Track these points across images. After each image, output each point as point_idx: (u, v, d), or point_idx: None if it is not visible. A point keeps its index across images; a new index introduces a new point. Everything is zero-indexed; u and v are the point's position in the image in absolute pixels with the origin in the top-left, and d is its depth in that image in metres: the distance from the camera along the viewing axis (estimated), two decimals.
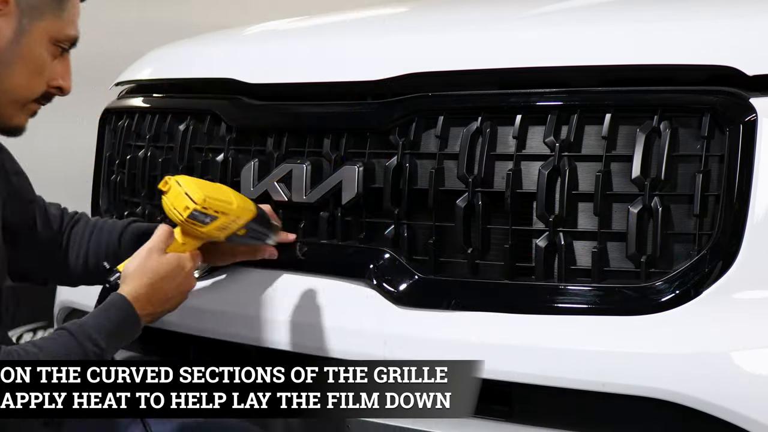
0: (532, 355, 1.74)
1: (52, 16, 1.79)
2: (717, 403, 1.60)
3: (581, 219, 1.79)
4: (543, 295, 1.78)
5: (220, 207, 1.87)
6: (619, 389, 1.67)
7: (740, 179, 1.65)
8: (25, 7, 1.76)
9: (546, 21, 2.02)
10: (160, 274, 1.83)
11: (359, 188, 1.98)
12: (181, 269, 1.86)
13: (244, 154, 2.17)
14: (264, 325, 2.03)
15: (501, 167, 1.85)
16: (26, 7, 1.76)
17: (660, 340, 1.66)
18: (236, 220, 1.90)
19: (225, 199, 1.88)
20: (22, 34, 1.76)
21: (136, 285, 1.81)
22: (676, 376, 1.63)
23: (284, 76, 2.15)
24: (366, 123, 2.00)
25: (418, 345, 1.85)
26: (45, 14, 1.78)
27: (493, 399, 1.82)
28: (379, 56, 2.05)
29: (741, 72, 1.68)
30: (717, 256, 1.66)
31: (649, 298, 1.69)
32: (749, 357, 1.61)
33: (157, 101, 2.43)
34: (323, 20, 2.55)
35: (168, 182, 1.85)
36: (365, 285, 1.95)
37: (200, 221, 1.85)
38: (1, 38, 1.74)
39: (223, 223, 1.88)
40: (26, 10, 1.76)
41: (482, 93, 1.91)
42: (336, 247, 2.02)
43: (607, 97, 1.78)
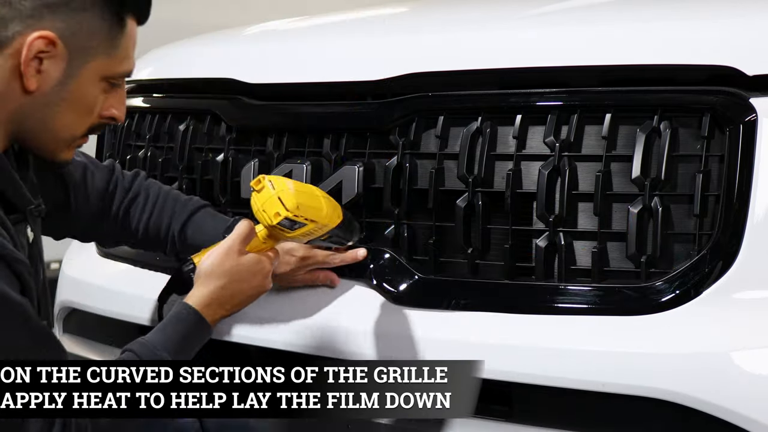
0: (532, 355, 1.74)
1: (104, 55, 1.68)
2: (717, 403, 1.60)
3: (581, 219, 1.79)
4: (543, 295, 1.78)
5: (310, 215, 1.80)
6: (619, 389, 1.67)
7: (740, 179, 1.65)
8: (75, 48, 1.64)
9: (546, 21, 2.02)
10: (239, 276, 1.78)
11: (359, 188, 1.98)
12: (261, 271, 1.80)
13: (244, 154, 2.17)
14: (264, 325, 2.03)
15: (501, 167, 1.85)
16: (75, 48, 1.64)
17: (660, 340, 1.66)
18: (323, 228, 1.84)
19: (316, 206, 1.82)
20: (71, 77, 1.65)
21: (210, 289, 1.76)
22: (676, 376, 1.63)
23: (284, 76, 2.15)
24: (366, 123, 2.00)
25: (418, 345, 1.85)
26: (97, 55, 1.67)
27: (493, 399, 1.82)
28: (379, 56, 2.05)
29: (741, 72, 1.68)
30: (717, 256, 1.66)
31: (649, 298, 1.69)
32: (749, 357, 1.61)
33: (157, 101, 2.43)
34: (323, 20, 2.55)
35: (261, 182, 1.78)
36: (365, 285, 1.95)
37: (288, 228, 1.79)
38: (48, 81, 1.64)
39: (310, 230, 1.82)
40: (76, 51, 1.65)
41: (482, 93, 1.91)
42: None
43: (607, 97, 1.78)
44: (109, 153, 2.51)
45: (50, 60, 1.63)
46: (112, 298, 2.33)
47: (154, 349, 1.69)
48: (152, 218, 2.04)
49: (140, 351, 1.68)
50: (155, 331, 1.73)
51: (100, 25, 1.66)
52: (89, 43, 1.66)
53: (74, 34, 1.64)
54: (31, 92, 1.63)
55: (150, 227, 2.04)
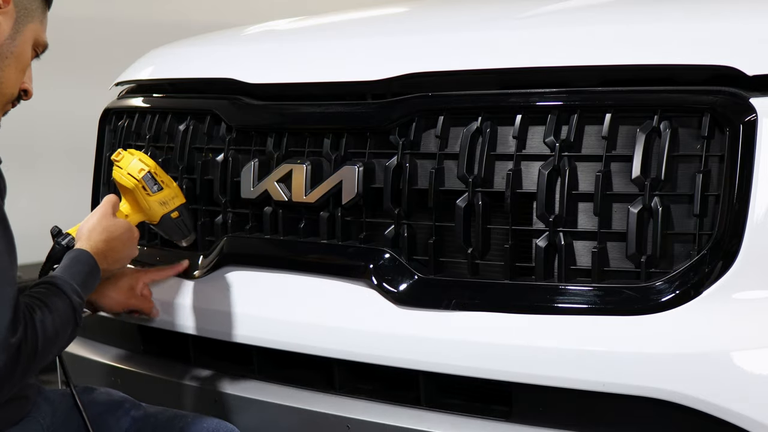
0: (532, 355, 1.74)
1: (38, 20, 1.91)
2: (717, 403, 1.60)
3: (581, 219, 1.78)
4: (543, 295, 1.78)
5: (165, 179, 2.13)
6: (619, 389, 1.67)
7: (740, 179, 1.65)
8: (21, 7, 1.87)
9: (546, 21, 2.02)
10: (115, 234, 2.01)
11: (359, 188, 1.98)
12: (131, 234, 2.05)
13: (244, 154, 2.17)
14: (264, 325, 2.03)
15: (501, 167, 1.85)
16: (21, 7, 1.88)
17: (660, 340, 1.66)
18: (174, 199, 2.14)
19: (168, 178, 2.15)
20: (18, 33, 1.87)
21: (95, 241, 1.97)
22: (676, 376, 1.63)
23: (284, 76, 2.15)
24: (366, 123, 2.00)
25: (418, 345, 1.85)
26: (34, 17, 1.90)
27: (493, 399, 1.82)
28: (379, 56, 2.05)
29: (741, 72, 1.67)
30: (717, 256, 1.66)
31: (649, 298, 1.69)
32: (749, 357, 1.61)
33: (157, 101, 2.43)
34: (323, 20, 2.55)
35: (121, 152, 2.12)
36: (365, 285, 1.95)
37: (149, 188, 2.10)
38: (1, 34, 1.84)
39: (165, 197, 2.13)
40: (21, 10, 1.88)
41: (482, 93, 1.91)
42: (336, 247, 2.02)
43: (607, 97, 1.78)
44: (109, 153, 2.51)
45: (3, 16, 1.85)
46: None
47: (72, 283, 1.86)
48: None
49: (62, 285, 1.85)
50: (63, 268, 1.90)
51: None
52: (30, 5, 1.90)
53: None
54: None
55: None
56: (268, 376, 2.08)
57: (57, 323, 1.78)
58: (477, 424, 1.82)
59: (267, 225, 2.11)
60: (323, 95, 2.09)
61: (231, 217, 2.19)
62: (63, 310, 1.81)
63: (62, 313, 1.81)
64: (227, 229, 2.19)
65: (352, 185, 1.98)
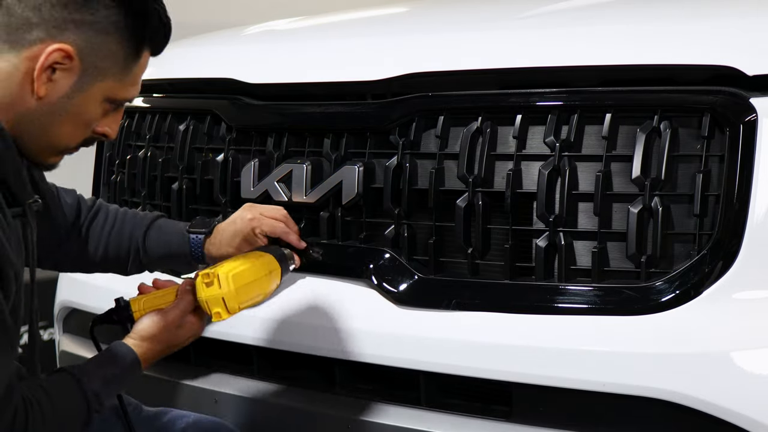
0: (532, 355, 1.74)
1: (114, 79, 1.71)
2: (717, 403, 1.60)
3: (581, 219, 1.78)
4: (543, 295, 1.78)
5: (252, 303, 1.88)
6: (619, 389, 1.67)
7: (740, 179, 1.65)
8: (89, 65, 1.67)
9: (546, 21, 2.02)
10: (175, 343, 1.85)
11: (359, 188, 1.97)
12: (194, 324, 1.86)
13: (244, 154, 2.17)
14: (264, 325, 2.03)
15: (501, 167, 1.85)
16: (89, 66, 1.67)
17: (660, 340, 1.66)
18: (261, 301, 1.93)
19: (259, 291, 1.88)
20: (79, 92, 1.68)
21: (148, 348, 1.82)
22: (676, 376, 1.63)
23: (284, 76, 2.15)
24: (366, 123, 2.00)
25: (418, 345, 1.85)
26: (108, 76, 1.70)
27: (493, 399, 1.82)
28: (379, 56, 2.05)
29: (741, 72, 1.67)
30: (717, 256, 1.66)
31: (649, 298, 1.69)
32: (749, 357, 1.61)
33: (157, 101, 2.43)
34: (323, 20, 2.55)
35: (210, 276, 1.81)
36: (365, 285, 1.95)
37: None
38: (56, 91, 1.66)
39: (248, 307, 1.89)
40: (89, 69, 1.67)
41: (482, 93, 1.91)
42: (336, 247, 2.02)
43: (607, 97, 1.78)
44: (109, 153, 2.51)
45: (63, 72, 1.65)
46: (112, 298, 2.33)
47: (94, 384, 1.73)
48: (114, 229, 2.06)
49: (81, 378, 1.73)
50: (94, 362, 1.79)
51: (118, 50, 1.69)
52: (103, 63, 1.68)
53: (92, 52, 1.67)
54: (39, 98, 1.66)
55: (112, 238, 2.06)
56: (268, 376, 2.08)
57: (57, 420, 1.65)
58: (477, 424, 1.82)
59: None
60: (323, 95, 2.09)
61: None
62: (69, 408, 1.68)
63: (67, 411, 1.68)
64: None
65: (352, 185, 1.98)
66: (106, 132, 1.76)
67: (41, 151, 1.73)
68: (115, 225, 2.06)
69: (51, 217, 1.97)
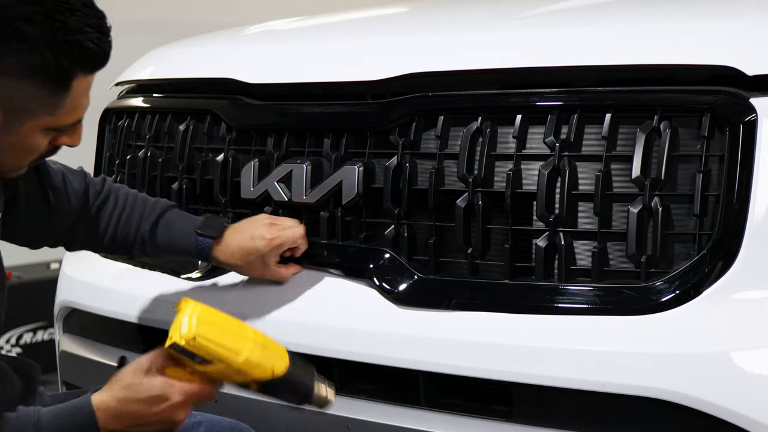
0: (532, 355, 1.74)
1: (45, 113, 1.65)
2: (717, 403, 1.60)
3: (581, 219, 1.78)
4: (543, 295, 1.78)
5: (216, 353, 1.65)
6: (619, 389, 1.67)
7: (740, 179, 1.65)
8: (10, 110, 1.62)
9: (546, 21, 2.02)
10: (137, 396, 1.67)
11: (359, 188, 1.97)
12: (164, 399, 1.68)
13: (244, 154, 2.17)
14: (264, 325, 2.03)
15: (501, 167, 1.85)
16: (11, 110, 1.62)
17: (660, 340, 1.66)
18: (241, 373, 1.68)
19: (232, 346, 1.66)
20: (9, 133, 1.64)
21: (108, 397, 1.68)
22: (676, 376, 1.63)
23: (284, 76, 2.15)
24: (366, 123, 2.00)
25: (418, 345, 1.85)
26: (37, 115, 1.65)
27: (493, 399, 1.82)
28: (379, 56, 2.05)
29: (741, 72, 1.67)
30: (717, 256, 1.66)
31: (649, 298, 1.69)
32: (749, 357, 1.61)
33: (157, 101, 2.43)
34: (323, 20, 2.55)
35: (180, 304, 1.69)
36: (365, 285, 1.95)
37: (188, 356, 1.66)
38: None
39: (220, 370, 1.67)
40: (12, 112, 1.63)
41: (482, 93, 1.91)
42: (336, 247, 2.02)
43: (607, 97, 1.78)
44: (109, 153, 2.51)
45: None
46: (112, 298, 2.33)
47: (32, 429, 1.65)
48: (122, 218, 2.05)
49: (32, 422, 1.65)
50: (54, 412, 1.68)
51: (40, 90, 1.63)
52: (27, 105, 1.64)
53: (10, 98, 1.62)
54: None
55: (120, 227, 2.05)
56: None
57: None
58: (477, 424, 1.82)
59: None
60: (323, 95, 2.09)
61: (231, 217, 2.18)
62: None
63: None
64: None
65: (352, 185, 1.98)
66: (67, 143, 1.73)
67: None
68: (123, 212, 2.05)
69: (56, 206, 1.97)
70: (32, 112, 1.64)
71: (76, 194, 2.02)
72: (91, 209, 2.04)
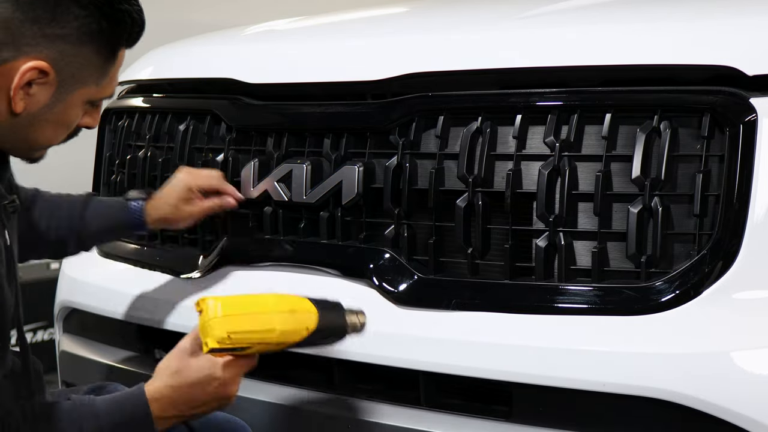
0: (532, 355, 1.74)
1: (93, 83, 1.72)
2: (717, 403, 1.60)
3: (581, 219, 1.78)
4: (543, 295, 1.78)
5: (249, 340, 1.70)
6: (619, 389, 1.67)
7: (740, 179, 1.65)
8: (66, 77, 1.68)
9: (546, 21, 2.02)
10: (189, 379, 1.68)
11: (359, 188, 1.97)
12: (214, 378, 1.69)
13: (244, 154, 2.17)
14: None
15: (501, 167, 1.85)
16: (67, 77, 1.68)
17: (660, 340, 1.66)
18: (280, 344, 1.73)
19: (260, 328, 1.70)
20: (59, 102, 1.69)
21: (161, 385, 1.69)
22: (677, 376, 1.63)
23: (284, 76, 2.15)
24: (366, 123, 2.00)
25: (418, 345, 1.85)
26: (87, 83, 1.71)
27: (493, 399, 1.82)
28: (379, 56, 2.05)
29: (741, 72, 1.67)
30: (717, 256, 1.66)
31: (649, 298, 1.69)
32: (749, 357, 1.61)
33: (157, 101, 2.43)
34: (323, 20, 2.55)
35: (200, 304, 1.71)
36: (365, 285, 1.95)
37: (227, 352, 1.70)
38: (35, 104, 1.67)
39: (262, 349, 1.72)
40: (68, 79, 1.68)
41: (482, 93, 1.91)
42: (336, 247, 2.02)
43: (607, 97, 1.78)
44: (109, 153, 2.51)
45: (40, 86, 1.66)
46: (112, 298, 2.33)
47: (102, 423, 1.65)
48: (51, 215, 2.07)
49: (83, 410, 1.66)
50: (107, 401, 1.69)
51: (94, 57, 1.70)
52: (81, 72, 1.70)
53: (68, 64, 1.67)
54: (17, 114, 1.66)
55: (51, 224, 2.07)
56: (268, 376, 2.08)
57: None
58: (477, 424, 1.82)
59: (267, 225, 2.11)
60: (323, 95, 2.09)
61: (231, 217, 2.18)
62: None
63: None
64: (227, 229, 2.19)
65: (352, 185, 1.98)
66: (88, 124, 1.79)
67: (25, 152, 1.76)
68: (52, 207, 2.07)
69: None
70: (83, 80, 1.70)
71: None
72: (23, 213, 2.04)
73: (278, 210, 2.09)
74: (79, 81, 1.70)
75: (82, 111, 1.75)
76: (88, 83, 1.71)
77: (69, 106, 1.71)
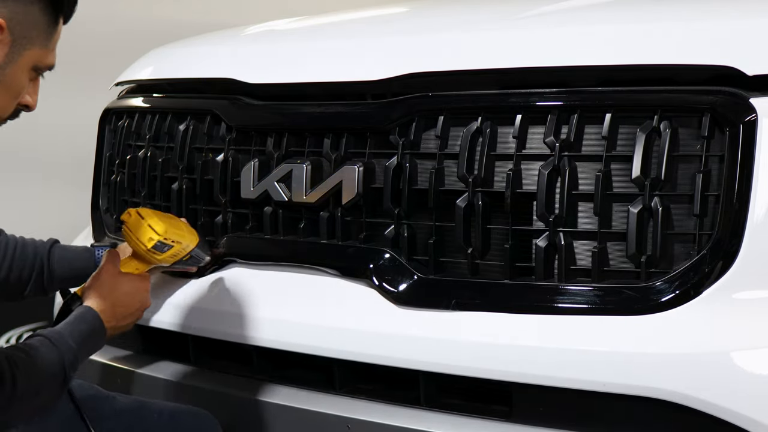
0: (532, 355, 1.74)
1: (40, 46, 1.80)
2: (717, 403, 1.60)
3: (581, 219, 1.79)
4: (543, 295, 1.78)
5: (176, 237, 2.05)
6: (619, 389, 1.67)
7: (740, 179, 1.65)
8: (18, 35, 1.76)
9: (546, 21, 2.02)
10: (123, 291, 2.00)
11: (359, 188, 1.98)
12: (140, 288, 2.04)
13: (244, 154, 2.17)
14: (264, 325, 2.03)
15: (501, 167, 1.85)
16: (19, 35, 1.76)
17: (660, 340, 1.66)
18: (186, 248, 2.08)
19: (179, 230, 2.07)
20: (11, 62, 1.76)
21: (100, 301, 1.96)
22: (677, 376, 1.63)
23: (284, 76, 2.15)
24: (366, 123, 2.00)
25: (418, 345, 1.85)
26: (34, 45, 1.79)
27: (493, 399, 1.82)
28: (379, 56, 2.05)
29: (741, 72, 1.68)
30: (717, 256, 1.66)
31: (649, 298, 1.69)
32: (749, 357, 1.61)
33: (157, 101, 2.43)
34: (323, 20, 2.55)
35: (131, 214, 2.04)
36: (365, 285, 1.95)
37: (159, 251, 2.03)
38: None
39: (176, 251, 2.06)
40: (19, 39, 1.76)
41: (482, 93, 1.91)
42: (336, 247, 2.02)
43: (607, 97, 1.78)
44: (109, 153, 2.52)
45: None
46: None
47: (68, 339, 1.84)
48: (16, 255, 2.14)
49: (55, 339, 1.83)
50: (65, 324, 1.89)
51: (40, 19, 1.79)
52: (30, 33, 1.78)
53: (19, 23, 1.76)
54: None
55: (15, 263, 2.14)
56: (268, 376, 2.08)
57: (39, 378, 1.75)
58: (477, 424, 1.82)
59: (267, 225, 2.12)
60: (323, 95, 2.09)
61: (231, 217, 2.19)
62: (50, 365, 1.77)
63: (48, 368, 1.77)
64: (227, 229, 2.19)
65: (352, 185, 1.98)
66: (29, 102, 1.85)
67: None
68: (17, 248, 2.15)
69: None
70: (32, 40, 1.79)
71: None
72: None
73: (278, 210, 2.09)
74: (29, 41, 1.78)
75: (28, 78, 1.82)
76: (35, 44, 1.79)
77: (19, 68, 1.78)
